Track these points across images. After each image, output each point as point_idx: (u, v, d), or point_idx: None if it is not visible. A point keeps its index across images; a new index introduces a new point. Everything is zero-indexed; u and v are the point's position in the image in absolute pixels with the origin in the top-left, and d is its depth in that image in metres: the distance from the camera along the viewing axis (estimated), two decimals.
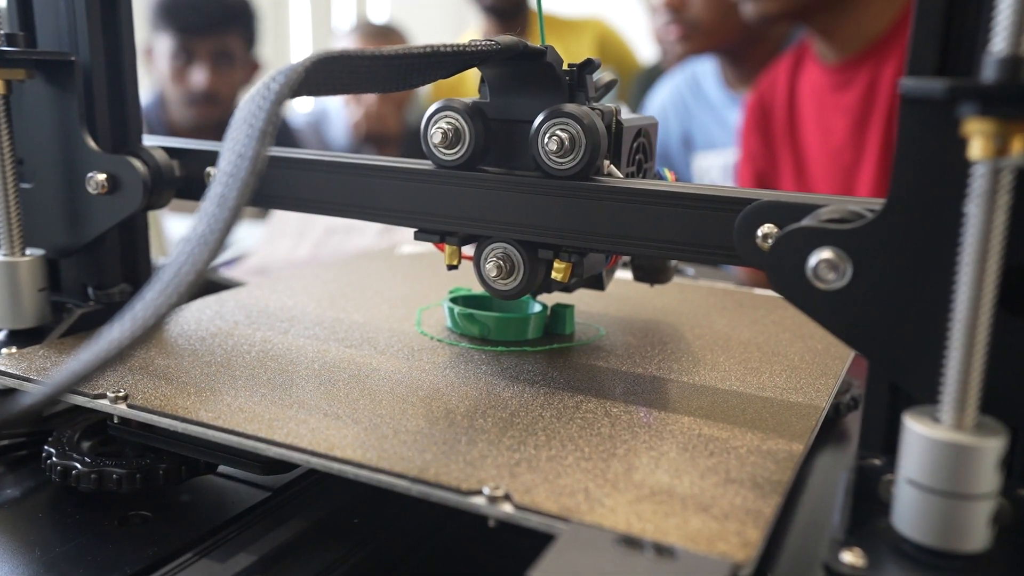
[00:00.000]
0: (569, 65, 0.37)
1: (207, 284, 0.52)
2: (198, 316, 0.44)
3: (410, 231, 0.39)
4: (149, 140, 0.44)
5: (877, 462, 0.27)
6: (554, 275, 0.37)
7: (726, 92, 1.37)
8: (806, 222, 0.28)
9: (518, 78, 0.37)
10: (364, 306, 0.47)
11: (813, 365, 0.39)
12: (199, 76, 1.46)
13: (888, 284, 0.26)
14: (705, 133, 1.38)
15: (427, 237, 0.39)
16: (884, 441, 0.28)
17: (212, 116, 1.47)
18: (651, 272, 0.44)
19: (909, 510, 0.24)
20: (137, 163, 0.41)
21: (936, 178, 0.25)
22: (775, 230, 0.30)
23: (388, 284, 0.53)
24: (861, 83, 1.00)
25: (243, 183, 0.24)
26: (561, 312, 0.43)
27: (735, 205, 0.31)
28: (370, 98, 1.72)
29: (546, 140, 0.35)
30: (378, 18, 2.49)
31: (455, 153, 0.37)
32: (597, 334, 0.44)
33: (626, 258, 0.46)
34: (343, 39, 1.80)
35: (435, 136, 0.37)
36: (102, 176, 0.41)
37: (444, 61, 0.33)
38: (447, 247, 0.39)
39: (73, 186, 0.42)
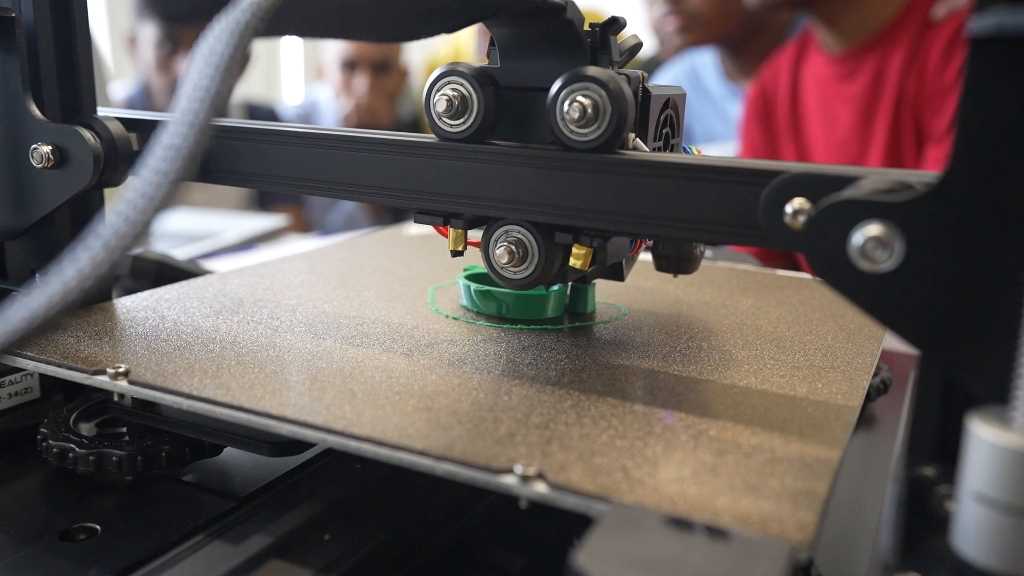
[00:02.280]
0: (590, 25, 0.34)
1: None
2: (201, 294, 0.42)
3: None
4: (104, 111, 0.40)
5: (929, 472, 0.24)
6: (573, 262, 0.34)
7: (726, 84, 1.36)
8: (849, 194, 0.25)
9: (533, 38, 0.33)
10: (374, 285, 0.46)
11: (847, 344, 0.38)
12: (185, 65, 1.44)
13: (947, 265, 0.23)
14: (705, 126, 1.37)
15: (429, 219, 0.35)
16: (937, 447, 0.25)
17: None
18: (676, 260, 0.40)
19: (974, 529, 0.21)
20: (88, 134, 0.37)
21: (1010, 138, 0.22)
22: (807, 205, 0.26)
23: (398, 263, 0.51)
24: (867, 72, 0.99)
25: (198, 127, 0.22)
26: (581, 290, 0.42)
27: (761, 177, 0.28)
28: (361, 89, 1.70)
29: (566, 108, 0.31)
30: None
31: (462, 124, 0.33)
32: (619, 313, 0.42)
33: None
34: None
35: (439, 104, 0.33)
36: (47, 148, 0.37)
37: (447, 6, 0.30)
38: (451, 231, 0.35)
39: (16, 159, 0.38)
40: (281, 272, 0.47)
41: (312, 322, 0.38)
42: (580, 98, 0.31)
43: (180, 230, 1.04)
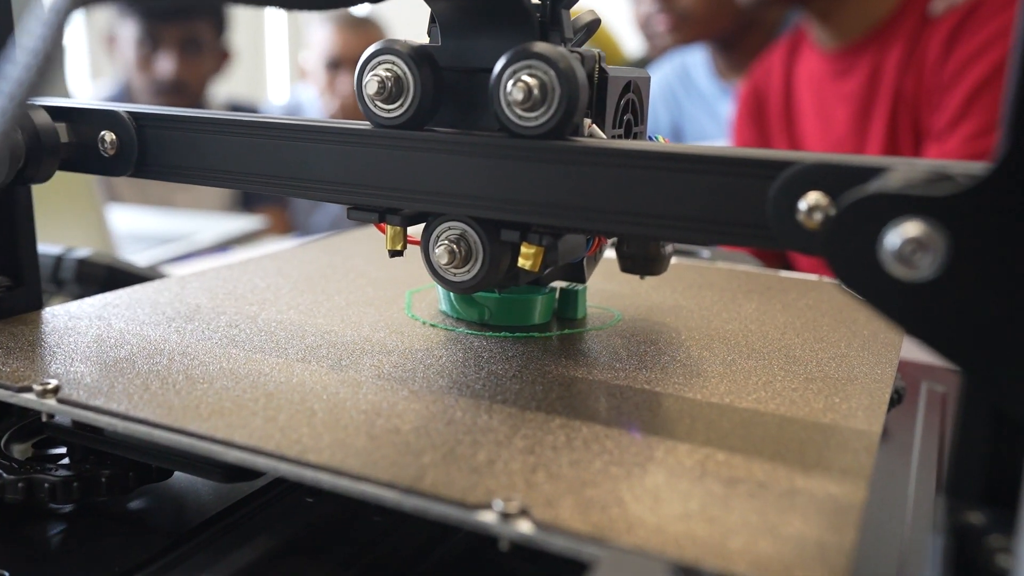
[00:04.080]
0: None
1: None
2: (154, 299, 0.38)
3: None
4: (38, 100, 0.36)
5: (977, 519, 0.21)
6: (521, 262, 0.30)
7: (717, 82, 1.33)
8: (879, 187, 0.21)
9: (476, 14, 0.30)
10: (346, 288, 0.42)
11: (863, 353, 0.34)
12: (166, 64, 1.40)
13: (1000, 271, 0.20)
14: (696, 125, 1.34)
15: (363, 216, 0.32)
16: (985, 488, 0.22)
17: (180, 106, 1.41)
18: (641, 261, 0.37)
19: None
20: None
21: None
22: (825, 201, 0.23)
23: (374, 265, 0.47)
24: (863, 70, 0.96)
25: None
26: (572, 294, 0.38)
27: (765, 169, 0.24)
28: (346, 89, 1.66)
29: (510, 88, 0.28)
30: (359, 9, 2.42)
31: (396, 108, 0.30)
32: (613, 319, 0.39)
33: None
34: (318, 28, 1.74)
35: (370, 86, 0.30)
36: None
37: None
38: (388, 228, 0.32)
39: None
40: (245, 275, 0.44)
41: (273, 331, 0.35)
42: (525, 78, 0.28)
43: (151, 231, 1.00)
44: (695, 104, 1.35)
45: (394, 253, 0.33)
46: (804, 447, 0.25)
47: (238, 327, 0.35)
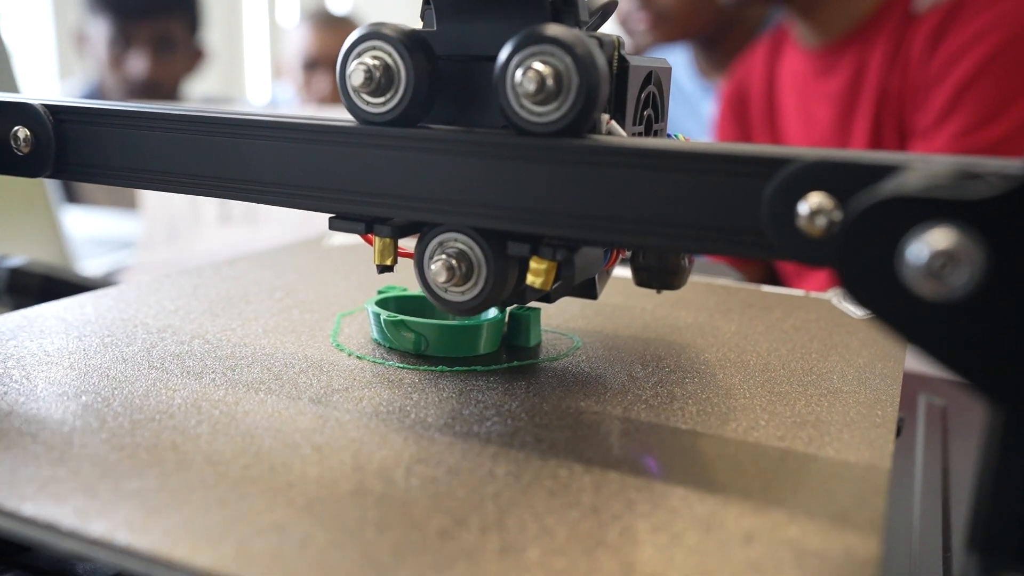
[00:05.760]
0: None
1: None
2: (33, 326, 0.33)
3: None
4: None
5: None
6: (531, 279, 0.27)
7: (698, 81, 1.31)
8: (896, 188, 0.18)
9: None
10: (268, 311, 0.37)
11: (858, 388, 0.30)
12: (138, 63, 1.37)
13: None
14: (677, 125, 1.32)
15: (348, 226, 0.28)
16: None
17: None
18: (659, 273, 0.33)
19: None
20: None
21: None
22: (831, 204, 0.20)
23: (307, 283, 0.42)
24: (847, 68, 0.94)
25: None
26: (523, 318, 0.34)
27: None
28: (322, 89, 1.63)
29: (519, 78, 0.24)
30: (339, 8, 2.38)
31: (386, 102, 0.26)
32: (571, 346, 0.34)
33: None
34: (294, 28, 1.71)
35: (356, 76, 0.26)
36: None
37: None
38: (376, 240, 0.28)
39: None
40: (155, 294, 0.39)
41: (165, 364, 0.30)
42: (537, 65, 0.24)
43: (117, 236, 0.97)
44: (676, 103, 1.32)
45: (383, 268, 0.29)
46: (790, 531, 0.21)
47: (127, 360, 0.30)
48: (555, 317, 0.37)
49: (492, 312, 0.33)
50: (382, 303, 0.35)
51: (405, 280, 0.35)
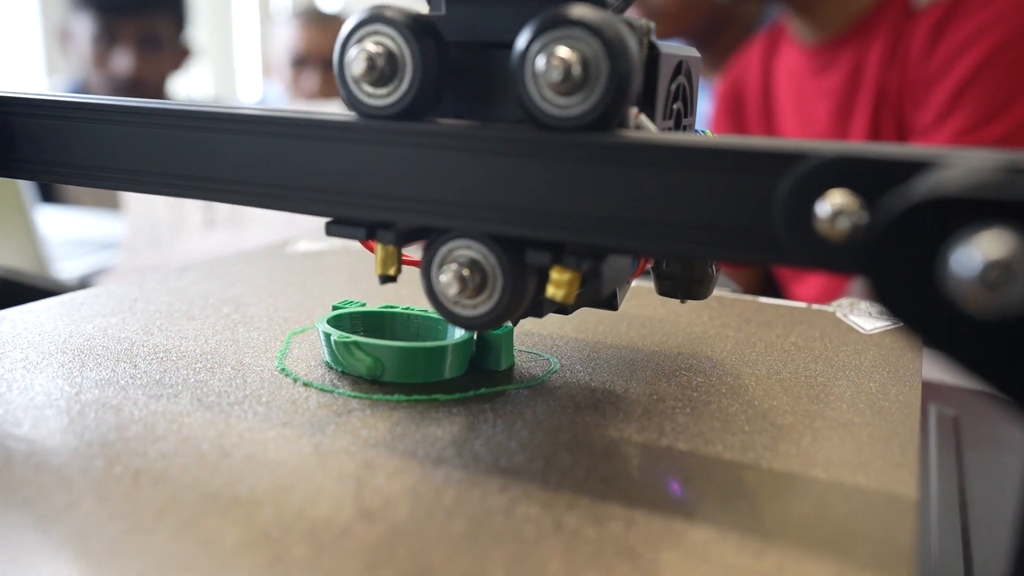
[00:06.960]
0: None
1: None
2: None
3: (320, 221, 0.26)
4: None
5: None
6: (552, 292, 0.24)
7: None
8: (935, 189, 0.16)
9: None
10: (211, 328, 0.34)
11: (874, 420, 0.27)
12: (124, 61, 1.35)
13: None
14: None
15: (347, 231, 0.25)
16: None
17: None
18: (684, 283, 0.30)
19: None
20: None
21: None
22: (855, 205, 0.18)
23: (260, 295, 0.38)
24: (845, 65, 0.93)
25: None
26: (493, 339, 0.30)
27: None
28: (311, 86, 1.61)
29: (541, 65, 0.21)
30: (329, 6, 2.35)
31: (390, 94, 0.24)
32: (547, 369, 0.31)
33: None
34: (283, 25, 1.69)
35: (356, 64, 0.23)
36: None
37: None
38: (378, 247, 0.25)
39: None
40: (87, 308, 0.36)
41: (79, 392, 0.27)
42: (562, 51, 0.21)
43: (98, 237, 0.95)
44: None
45: (386, 279, 0.26)
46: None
47: (36, 388, 0.27)
48: (531, 334, 0.34)
49: (459, 332, 0.30)
50: (336, 320, 0.31)
51: (412, 293, 0.32)
